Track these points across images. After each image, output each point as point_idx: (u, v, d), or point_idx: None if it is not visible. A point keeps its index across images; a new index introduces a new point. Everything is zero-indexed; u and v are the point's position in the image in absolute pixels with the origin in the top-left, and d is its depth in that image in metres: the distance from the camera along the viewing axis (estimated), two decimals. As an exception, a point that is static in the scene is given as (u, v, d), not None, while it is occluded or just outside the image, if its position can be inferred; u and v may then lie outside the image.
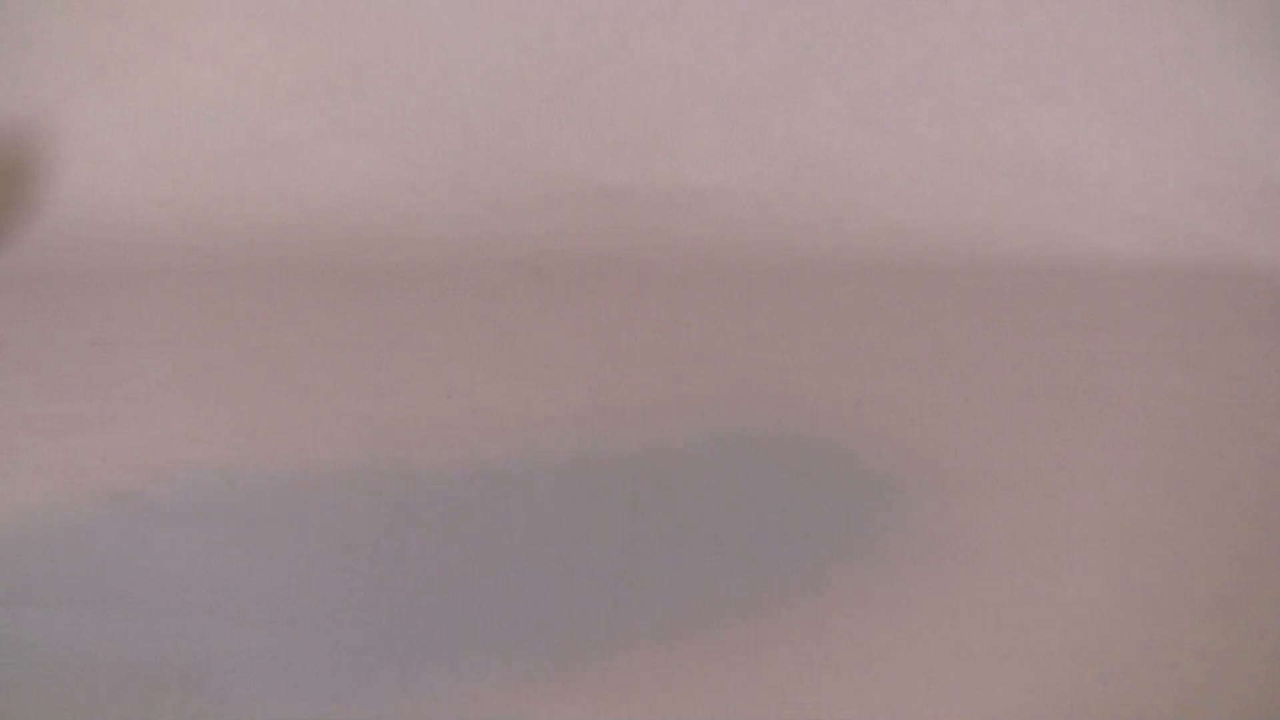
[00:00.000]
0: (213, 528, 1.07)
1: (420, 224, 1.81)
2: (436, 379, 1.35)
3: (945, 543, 1.04)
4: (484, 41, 1.90)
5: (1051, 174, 1.81)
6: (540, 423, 1.25)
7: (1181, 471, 1.17)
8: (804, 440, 1.21)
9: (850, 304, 1.57)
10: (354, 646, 0.92)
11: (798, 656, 0.90)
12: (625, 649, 0.91)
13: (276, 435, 1.23)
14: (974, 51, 1.85)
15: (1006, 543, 1.04)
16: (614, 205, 1.82)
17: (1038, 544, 1.04)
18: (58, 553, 1.04)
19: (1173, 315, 1.55)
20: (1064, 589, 0.98)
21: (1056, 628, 0.93)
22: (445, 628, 0.94)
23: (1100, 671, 0.89)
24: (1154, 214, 1.76)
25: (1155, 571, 1.01)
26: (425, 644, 0.92)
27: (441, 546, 1.04)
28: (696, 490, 1.12)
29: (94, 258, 1.75)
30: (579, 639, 0.92)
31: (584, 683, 0.88)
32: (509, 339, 1.47)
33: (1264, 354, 1.42)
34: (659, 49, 1.89)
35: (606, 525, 1.07)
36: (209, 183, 1.87)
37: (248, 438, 1.23)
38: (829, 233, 1.76)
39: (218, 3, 1.92)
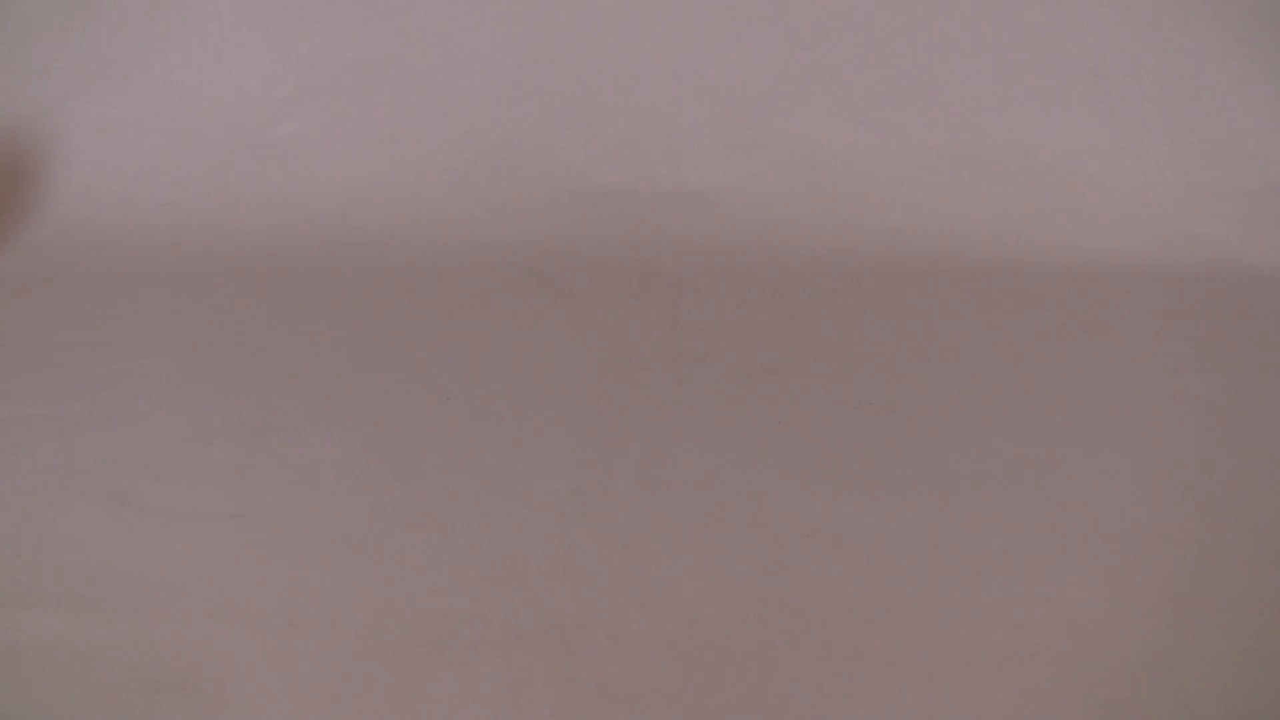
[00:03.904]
0: (213, 528, 1.07)
1: (420, 225, 1.81)
2: (436, 379, 1.35)
3: (945, 543, 1.04)
4: (484, 43, 1.91)
5: (1052, 176, 1.81)
6: (540, 423, 1.25)
7: (1181, 473, 1.17)
8: (804, 440, 1.21)
9: (850, 305, 1.57)
10: (354, 646, 0.92)
11: (798, 656, 0.90)
12: (625, 649, 0.91)
13: (276, 435, 1.23)
14: (974, 53, 1.85)
15: (1006, 543, 1.04)
16: (614, 206, 1.82)
17: (1038, 544, 1.04)
18: (58, 553, 1.04)
19: (1172, 317, 1.55)
20: (1064, 589, 0.98)
21: (1056, 628, 0.93)
22: (445, 628, 0.94)
23: (1100, 672, 0.89)
24: (1154, 216, 1.77)
25: (1155, 573, 1.01)
26: (425, 644, 0.92)
27: (441, 546, 1.04)
28: (696, 490, 1.12)
29: (94, 259, 1.75)
30: (579, 639, 0.92)
31: (584, 683, 0.88)
32: (509, 339, 1.47)
33: (1264, 356, 1.42)
34: (659, 50, 1.89)
35: (606, 524, 1.07)
36: (209, 183, 1.87)
37: (248, 438, 1.23)
38: (829, 233, 1.76)
39: (218, 3, 1.92)
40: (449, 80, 1.90)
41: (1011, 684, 0.88)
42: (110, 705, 0.86)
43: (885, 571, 1.00)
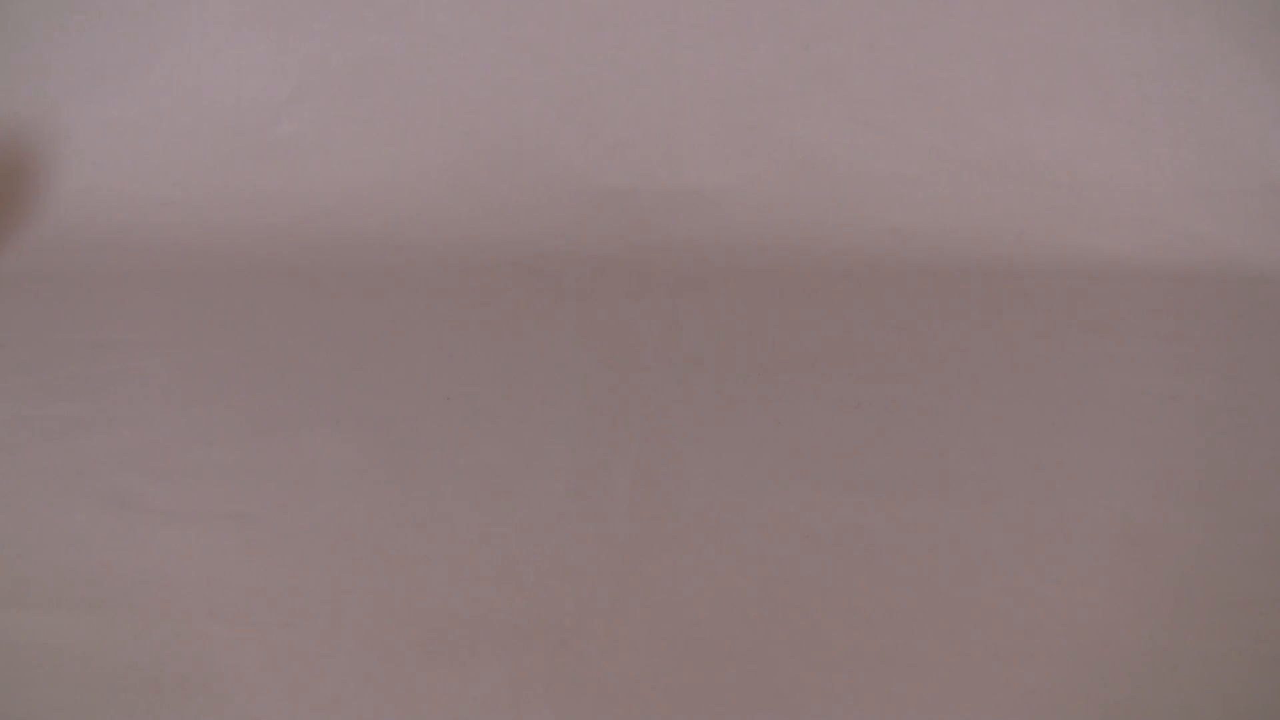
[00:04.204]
0: (213, 528, 1.07)
1: (420, 225, 1.81)
2: (436, 379, 1.35)
3: (945, 543, 1.04)
4: (484, 43, 1.91)
5: (1051, 176, 1.81)
6: (540, 423, 1.25)
7: (1181, 473, 1.17)
8: (804, 440, 1.21)
9: (850, 305, 1.57)
10: (353, 646, 0.92)
11: (797, 657, 0.90)
12: (625, 649, 0.91)
13: (276, 435, 1.23)
14: (974, 54, 1.85)
15: (1006, 543, 1.04)
16: (614, 206, 1.82)
17: (1038, 544, 1.04)
18: (58, 553, 1.04)
19: (1172, 317, 1.55)
20: (1064, 589, 0.98)
21: (1056, 628, 0.93)
22: (445, 628, 0.94)
23: (1100, 671, 0.89)
24: (1153, 216, 1.77)
25: (1155, 573, 1.01)
26: (425, 644, 0.92)
27: (441, 546, 1.04)
28: (696, 490, 1.12)
29: (94, 258, 1.75)
30: (579, 639, 0.92)
31: (584, 683, 0.88)
32: (509, 339, 1.47)
33: (1263, 356, 1.42)
34: (659, 50, 1.89)
35: (606, 525, 1.07)
36: (209, 183, 1.87)
37: (248, 438, 1.23)
38: (829, 234, 1.76)
39: (218, 3, 1.92)
40: (449, 80, 1.90)
41: (1011, 684, 0.88)
42: (110, 705, 0.86)
43: (885, 571, 1.00)
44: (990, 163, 1.82)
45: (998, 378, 1.36)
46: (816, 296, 1.60)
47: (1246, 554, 1.03)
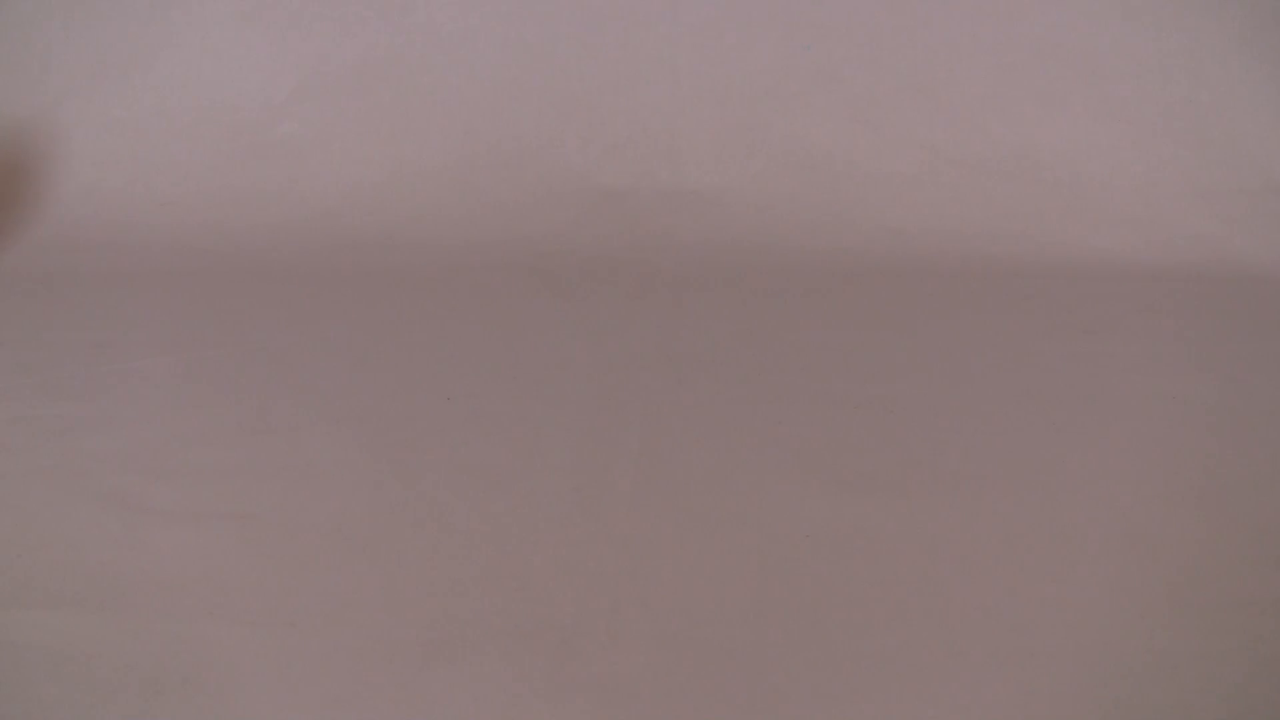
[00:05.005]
0: (213, 528, 1.07)
1: (420, 225, 1.81)
2: (436, 379, 1.36)
3: (945, 543, 1.04)
4: (485, 43, 1.91)
5: (1052, 176, 1.81)
6: (540, 423, 1.25)
7: (1181, 473, 1.17)
8: (804, 440, 1.21)
9: (850, 305, 1.57)
10: (354, 646, 0.92)
11: (797, 657, 0.90)
12: (625, 649, 0.91)
13: (276, 435, 1.23)
14: (974, 53, 1.85)
15: (1006, 543, 1.04)
16: (615, 207, 1.82)
17: (1038, 544, 1.04)
18: (58, 553, 1.04)
19: (1172, 317, 1.56)
20: (1064, 589, 0.98)
21: (1056, 628, 0.93)
22: (445, 628, 0.94)
23: (1100, 672, 0.89)
24: (1154, 216, 1.77)
25: (1154, 573, 1.01)
26: (425, 644, 0.92)
27: (441, 546, 1.04)
28: (697, 490, 1.12)
29: (94, 258, 1.75)
30: (579, 639, 0.92)
31: (584, 683, 0.88)
32: (509, 339, 1.47)
33: (1263, 356, 1.42)
34: (659, 50, 1.89)
35: (606, 525, 1.07)
36: (209, 183, 1.87)
37: (248, 438, 1.23)
38: (829, 234, 1.76)
39: (218, 3, 1.92)
40: (449, 80, 1.91)
41: (1011, 684, 0.88)
42: (110, 705, 0.86)
43: (885, 571, 1.00)
44: (990, 163, 1.82)
45: (998, 378, 1.36)
46: (816, 296, 1.60)
47: (1246, 554, 1.03)
